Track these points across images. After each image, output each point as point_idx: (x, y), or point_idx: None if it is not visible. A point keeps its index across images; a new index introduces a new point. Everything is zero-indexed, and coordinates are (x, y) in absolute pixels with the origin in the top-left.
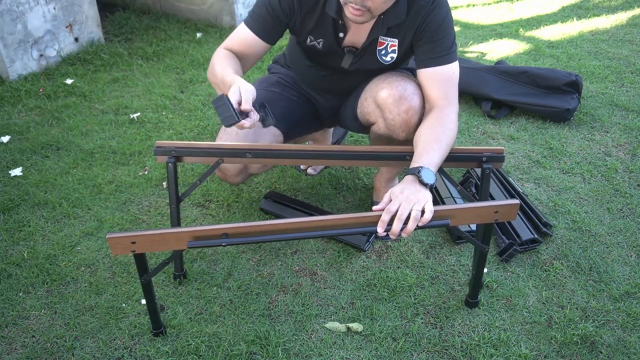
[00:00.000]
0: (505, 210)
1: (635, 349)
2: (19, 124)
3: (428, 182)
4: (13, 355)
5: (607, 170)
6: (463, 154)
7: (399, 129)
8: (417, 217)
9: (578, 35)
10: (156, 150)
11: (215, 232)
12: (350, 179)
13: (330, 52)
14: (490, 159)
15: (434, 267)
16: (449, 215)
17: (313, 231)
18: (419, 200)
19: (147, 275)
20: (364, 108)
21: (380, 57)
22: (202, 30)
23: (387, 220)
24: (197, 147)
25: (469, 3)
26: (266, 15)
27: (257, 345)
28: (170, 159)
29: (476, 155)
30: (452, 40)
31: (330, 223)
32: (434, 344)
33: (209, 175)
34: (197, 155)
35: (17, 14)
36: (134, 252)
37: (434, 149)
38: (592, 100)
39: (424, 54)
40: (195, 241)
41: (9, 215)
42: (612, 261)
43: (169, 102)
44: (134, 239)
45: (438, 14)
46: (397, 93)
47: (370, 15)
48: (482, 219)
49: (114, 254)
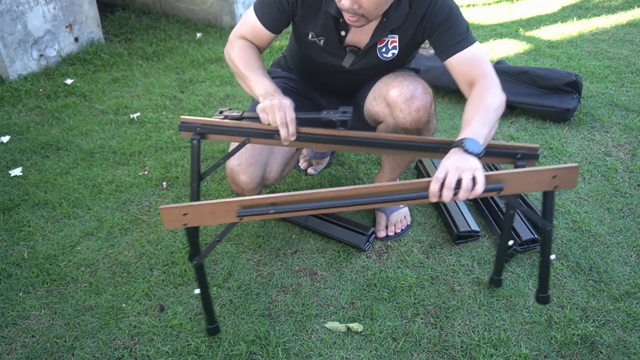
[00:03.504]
0: (564, 174)
1: (635, 349)
2: (19, 124)
3: (473, 150)
4: (13, 355)
5: (607, 170)
6: (497, 150)
7: (409, 128)
8: (468, 187)
9: (578, 35)
10: (181, 126)
11: (262, 202)
12: (350, 179)
13: (332, 50)
14: (525, 156)
15: (434, 267)
16: (501, 179)
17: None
18: (468, 167)
19: (199, 257)
20: (372, 107)
21: (381, 54)
22: (202, 30)
23: (436, 189)
24: (223, 125)
25: (469, 3)
26: (274, 6)
27: (257, 345)
28: (195, 135)
29: (511, 151)
30: (466, 27)
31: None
32: (434, 344)
33: (233, 154)
34: (224, 134)
35: (17, 14)
36: (186, 225)
37: (477, 121)
38: (592, 100)
39: (443, 45)
40: (244, 209)
41: (9, 215)
42: (612, 261)
43: (169, 102)
44: (185, 210)
45: (442, 6)
46: (408, 92)
47: (366, 20)
48: (538, 186)
49: (166, 227)
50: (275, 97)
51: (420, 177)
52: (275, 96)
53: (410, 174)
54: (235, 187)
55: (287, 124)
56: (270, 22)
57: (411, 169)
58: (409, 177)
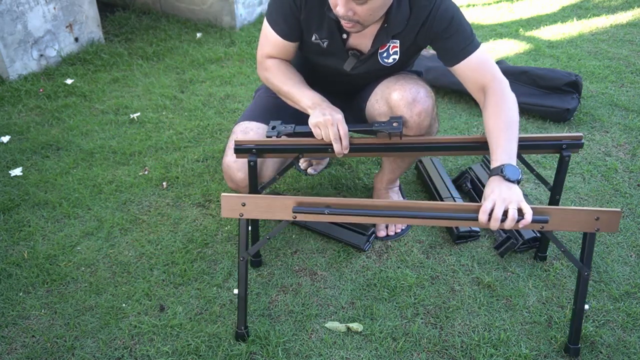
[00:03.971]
0: (606, 217)
1: (635, 349)
2: (19, 124)
3: (514, 178)
4: (13, 355)
5: (607, 170)
6: (542, 142)
7: (411, 131)
8: (514, 217)
9: (578, 35)
10: (236, 149)
11: (319, 202)
12: (350, 179)
13: (334, 52)
14: (570, 145)
15: (434, 267)
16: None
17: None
18: (513, 199)
19: (246, 252)
20: (374, 109)
21: (382, 59)
22: (202, 30)
23: (485, 219)
24: (278, 143)
25: (469, 3)
26: (285, 14)
27: (257, 345)
28: (251, 157)
29: (556, 142)
30: (470, 31)
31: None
32: (434, 344)
33: (287, 170)
34: (278, 152)
35: (17, 14)
36: (242, 215)
37: (506, 139)
38: (592, 100)
39: (449, 52)
40: (300, 207)
41: (9, 215)
42: (612, 261)
43: (169, 102)
44: (244, 200)
45: (444, 13)
46: (410, 96)
47: (361, 26)
48: (580, 226)
49: (223, 215)
50: (326, 109)
51: (420, 177)
52: (326, 108)
53: (410, 173)
54: (231, 183)
55: (340, 138)
56: (287, 31)
57: (411, 169)
58: (409, 177)
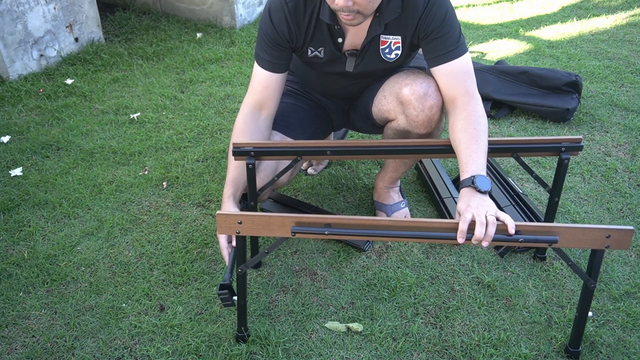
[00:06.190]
0: (618, 236)
1: (635, 349)
2: (19, 124)
3: (485, 189)
4: (13, 355)
5: (607, 170)
6: (541, 145)
7: (421, 126)
8: (494, 222)
9: (578, 35)
10: (234, 151)
11: (318, 221)
12: (350, 179)
13: (333, 59)
14: (569, 148)
15: (434, 267)
16: (556, 232)
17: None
18: (489, 208)
19: (244, 265)
20: (383, 105)
21: (384, 55)
22: (202, 30)
23: (465, 229)
24: (275, 145)
25: (469, 3)
26: (270, 48)
27: (257, 345)
28: (249, 159)
29: (554, 145)
30: (459, 33)
31: (420, 225)
32: (434, 344)
33: (287, 171)
34: (276, 154)
35: (17, 14)
36: (239, 233)
37: (475, 150)
38: (592, 100)
39: (433, 52)
40: (299, 227)
41: (9, 215)
42: (612, 261)
43: (169, 102)
44: (240, 219)
45: (439, 9)
46: (421, 90)
47: (362, 16)
48: (591, 243)
49: (219, 232)
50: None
51: (420, 177)
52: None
53: (410, 173)
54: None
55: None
56: (276, 66)
57: (411, 169)
58: (409, 177)
